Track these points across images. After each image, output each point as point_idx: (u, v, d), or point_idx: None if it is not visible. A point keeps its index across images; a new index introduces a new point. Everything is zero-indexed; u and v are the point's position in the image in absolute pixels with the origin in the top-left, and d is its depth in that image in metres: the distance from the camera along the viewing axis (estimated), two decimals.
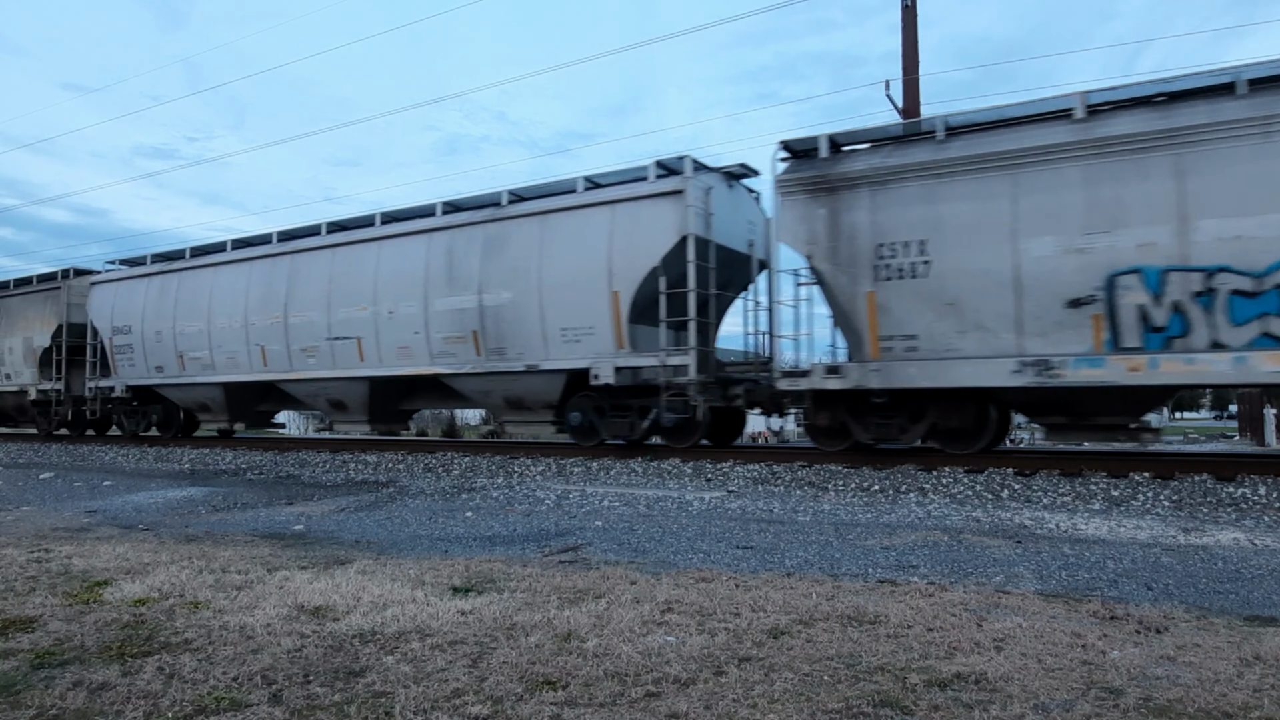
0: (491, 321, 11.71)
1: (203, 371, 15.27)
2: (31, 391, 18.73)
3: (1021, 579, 4.38)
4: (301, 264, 13.93)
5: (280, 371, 14.12)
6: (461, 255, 12.03)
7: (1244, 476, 7.66)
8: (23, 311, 19.12)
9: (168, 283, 16.06)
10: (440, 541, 5.98)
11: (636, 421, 11.07)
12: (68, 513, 8.05)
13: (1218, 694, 2.53)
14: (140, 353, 16.31)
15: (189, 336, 15.38)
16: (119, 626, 3.46)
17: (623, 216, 10.82)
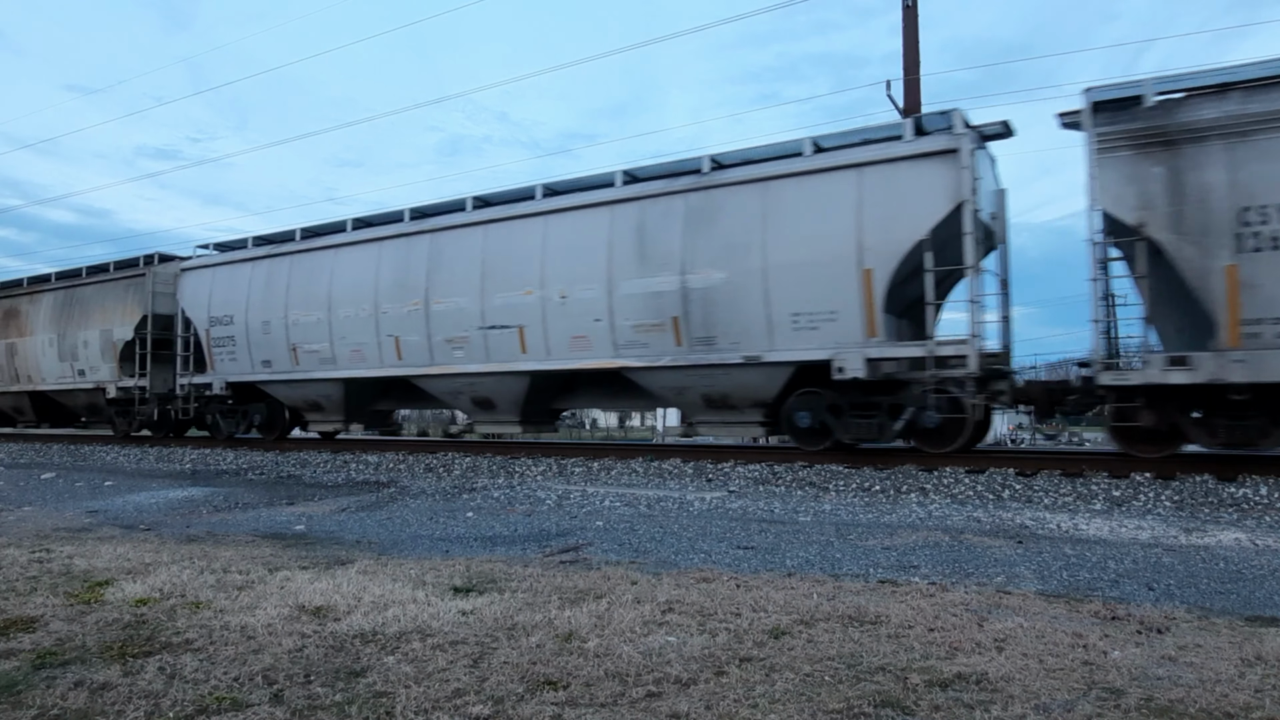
0: (698, 306, 10.14)
1: (320, 366, 13.61)
2: (110, 389, 16.82)
3: (1023, 579, 4.38)
4: (445, 244, 12.26)
5: (417, 366, 12.48)
6: (656, 230, 10.44)
7: (1245, 476, 7.65)
8: (99, 302, 17.24)
9: (277, 268, 14.30)
10: (441, 542, 5.98)
11: (886, 422, 9.47)
12: (69, 513, 8.06)
13: (1219, 694, 2.53)
14: (244, 346, 14.66)
15: (304, 327, 13.71)
16: (120, 626, 3.46)
17: (875, 181, 9.21)
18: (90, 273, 17.91)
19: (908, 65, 14.50)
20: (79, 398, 18.12)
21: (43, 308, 18.46)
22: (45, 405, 19.32)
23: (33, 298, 18.85)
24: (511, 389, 11.93)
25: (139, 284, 16.64)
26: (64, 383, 17.98)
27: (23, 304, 19.05)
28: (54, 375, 18.09)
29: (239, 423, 15.72)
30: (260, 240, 15.15)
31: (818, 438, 10.08)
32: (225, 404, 15.78)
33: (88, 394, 17.70)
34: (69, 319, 17.73)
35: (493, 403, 12.27)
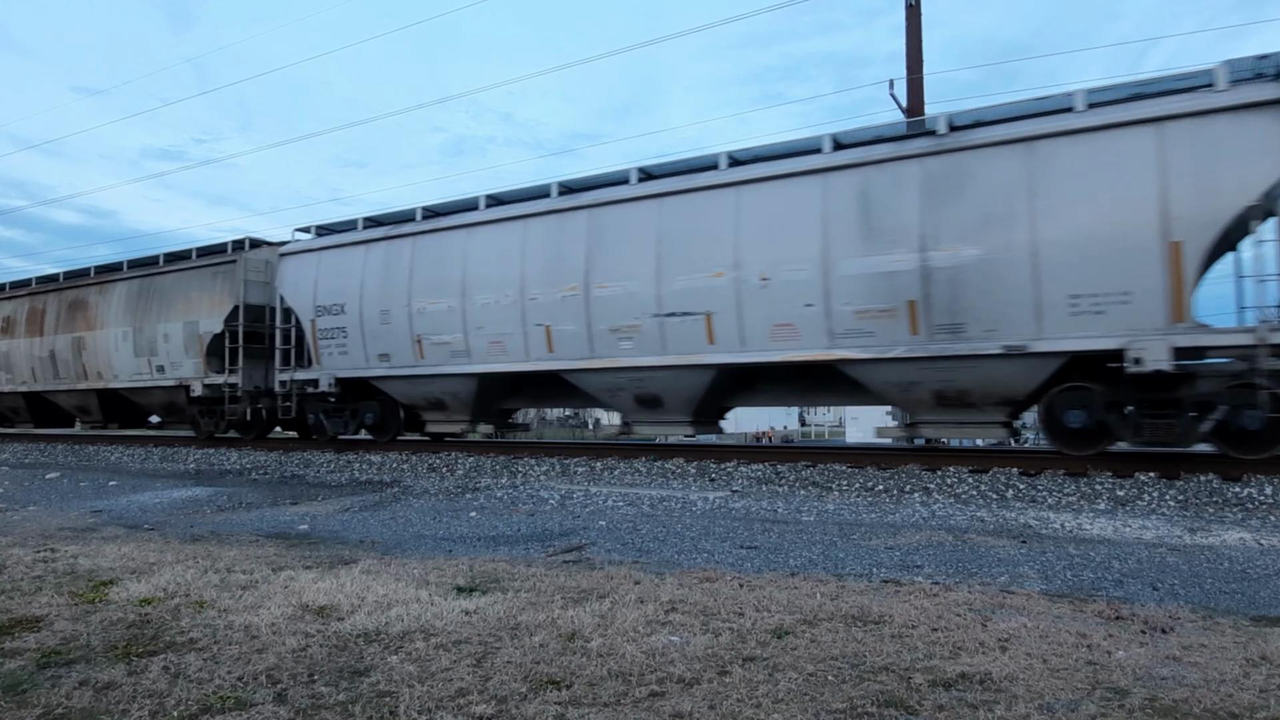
0: (943, 288, 8.71)
1: (451, 360, 12.09)
2: (196, 386, 15.21)
3: (1026, 579, 4.37)
4: (608, 221, 10.79)
5: (572, 358, 10.99)
6: (885, 200, 9.04)
7: (1250, 476, 7.63)
8: (182, 292, 15.61)
9: (397, 250, 12.75)
10: (444, 541, 5.99)
11: (1190, 424, 8.03)
12: (73, 512, 8.08)
13: (1224, 694, 2.52)
14: (356, 338, 13.08)
15: (432, 317, 12.18)
16: (125, 626, 3.47)
17: (1181, 138, 7.87)
18: (169, 260, 16.33)
19: (911, 64, 14.48)
20: (156, 396, 16.49)
21: (115, 299, 16.78)
22: (115, 404, 17.69)
23: (102, 288, 17.15)
24: (688, 385, 10.54)
25: (229, 271, 14.94)
26: (140, 380, 16.26)
27: (91, 295, 17.37)
28: (128, 372, 16.41)
29: (347, 423, 13.97)
30: (371, 221, 13.55)
31: (1087, 441, 8.74)
32: (330, 402, 14.11)
33: (167, 392, 16.09)
34: (146, 311, 16.09)
35: (660, 400, 10.85)
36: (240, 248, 15.11)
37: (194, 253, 15.86)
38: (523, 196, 11.93)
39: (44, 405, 19.31)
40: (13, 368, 19.08)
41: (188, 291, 15.55)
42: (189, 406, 15.97)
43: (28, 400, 19.17)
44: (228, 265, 14.99)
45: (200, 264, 15.54)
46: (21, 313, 18.92)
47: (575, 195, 11.29)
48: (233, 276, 14.88)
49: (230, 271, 14.93)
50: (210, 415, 15.77)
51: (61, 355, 17.72)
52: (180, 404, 16.17)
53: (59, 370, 17.88)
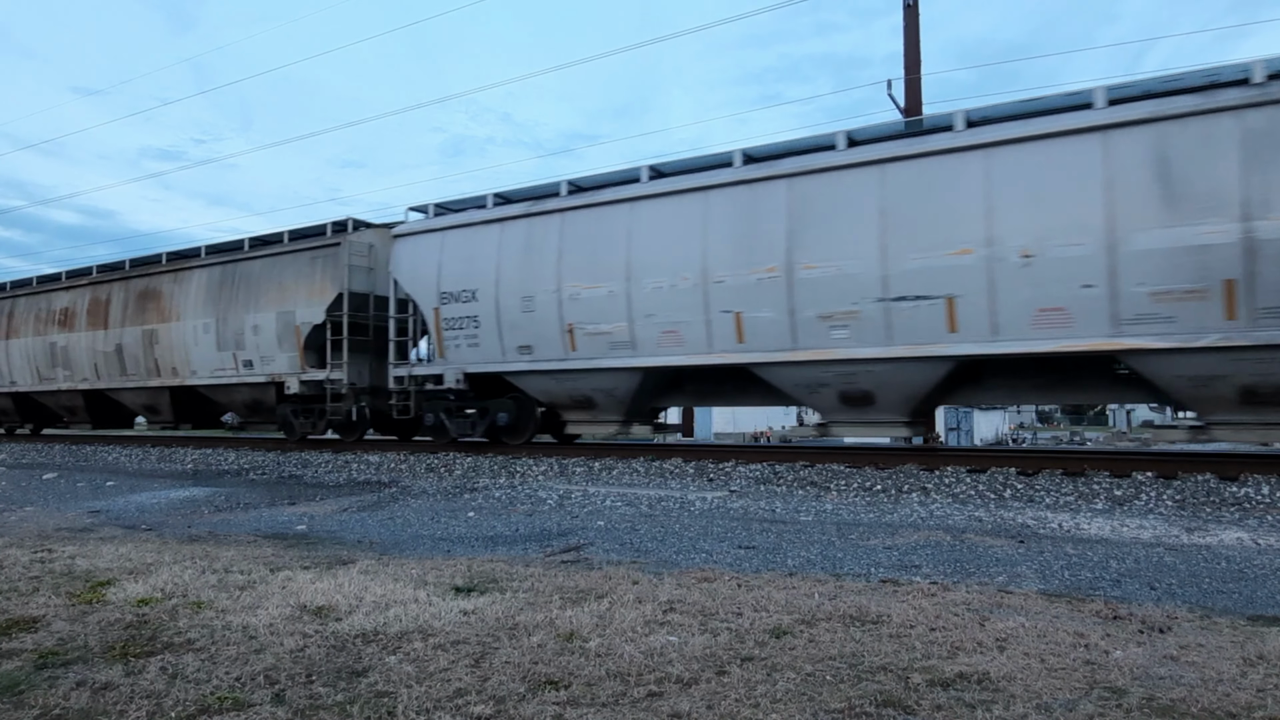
0: (1272, 264, 7.46)
1: (609, 352, 10.74)
2: (291, 383, 13.74)
3: (1024, 579, 4.38)
4: (815, 192, 9.45)
5: (768, 349, 9.67)
6: (1192, 162, 7.73)
7: (1247, 476, 7.64)
8: (275, 279, 14.14)
9: (542, 229, 11.32)
10: (442, 541, 5.98)
11: None
12: (71, 513, 8.07)
13: (1221, 694, 2.52)
14: (491, 328, 11.72)
15: (587, 303, 10.82)
16: (122, 626, 3.47)
17: None
18: (255, 245, 14.85)
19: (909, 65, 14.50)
20: (240, 394, 15.10)
21: (193, 288, 15.35)
22: (189, 403, 16.31)
23: (178, 276, 15.70)
24: (913, 380, 9.19)
25: (331, 256, 13.48)
26: (222, 376, 14.85)
27: (164, 284, 15.90)
28: (209, 367, 15.00)
29: (474, 424, 12.51)
30: (501, 198, 12.16)
31: None
32: (453, 400, 12.68)
33: (253, 390, 14.70)
34: (232, 300, 14.63)
35: (872, 398, 9.49)
36: (342, 229, 13.70)
37: (285, 236, 14.37)
38: (695, 166, 10.58)
39: (105, 404, 17.90)
40: (71, 364, 17.55)
41: (281, 278, 13.98)
42: (280, 405, 14.50)
43: (87, 399, 17.75)
44: (329, 249, 13.50)
45: (295, 248, 14.00)
46: (82, 304, 17.37)
47: (769, 164, 9.83)
48: (336, 261, 13.32)
49: (333, 256, 13.38)
50: (307, 415, 14.25)
51: (130, 350, 16.27)
52: (268, 403, 14.73)
53: (126, 366, 16.40)
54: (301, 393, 13.80)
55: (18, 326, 18.98)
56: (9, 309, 19.33)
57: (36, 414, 20.21)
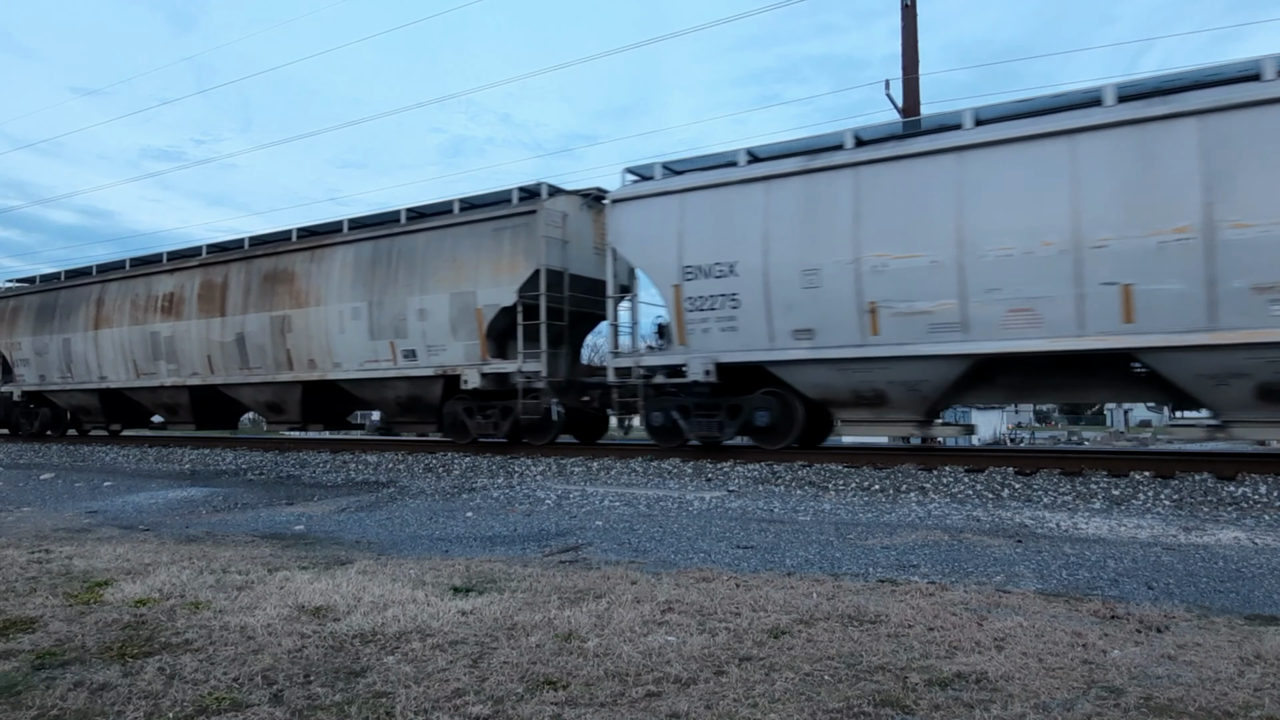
0: None
1: (928, 336, 8.87)
2: (470, 376, 11.79)
3: (1022, 578, 4.38)
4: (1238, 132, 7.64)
5: (1173, 330, 7.82)
6: None
7: (1245, 475, 7.65)
8: (447, 255, 12.18)
9: (827, 187, 9.51)
10: (441, 541, 5.98)
11: None
12: (68, 513, 8.06)
13: (1219, 693, 2.53)
14: (757, 308, 9.85)
15: (898, 276, 8.99)
16: (120, 627, 3.46)
17: None
18: (414, 217, 12.88)
19: (907, 65, 14.50)
20: (394, 390, 13.07)
21: (335, 267, 13.35)
22: (323, 400, 14.42)
23: (315, 254, 13.72)
24: None
25: (524, 226, 11.49)
26: (374, 369, 12.90)
27: (297, 264, 13.91)
28: (358, 359, 13.04)
29: (722, 424, 10.48)
30: (752, 156, 10.30)
31: None
32: (691, 396, 10.67)
33: (413, 384, 12.77)
34: (389, 281, 12.66)
35: None
36: (531, 196, 11.82)
37: (455, 205, 12.48)
38: (1042, 108, 8.75)
39: (216, 402, 16.05)
40: (178, 356, 15.55)
41: (456, 254, 12.03)
42: (450, 403, 12.54)
43: (194, 396, 15.89)
44: (519, 219, 11.54)
45: (472, 219, 12.12)
46: (191, 289, 15.40)
47: (1164, 100, 7.98)
48: (530, 233, 11.37)
49: (525, 226, 11.43)
50: (485, 413, 12.23)
51: (254, 339, 14.30)
52: (429, 400, 12.76)
53: (248, 358, 14.45)
54: (482, 387, 11.79)
55: (109, 315, 16.75)
56: (96, 295, 17.15)
57: (126, 413, 18.10)
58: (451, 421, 12.60)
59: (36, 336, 18.29)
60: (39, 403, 19.42)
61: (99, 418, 18.28)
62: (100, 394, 17.42)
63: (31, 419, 19.70)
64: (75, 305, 17.58)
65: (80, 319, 17.35)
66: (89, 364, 17.21)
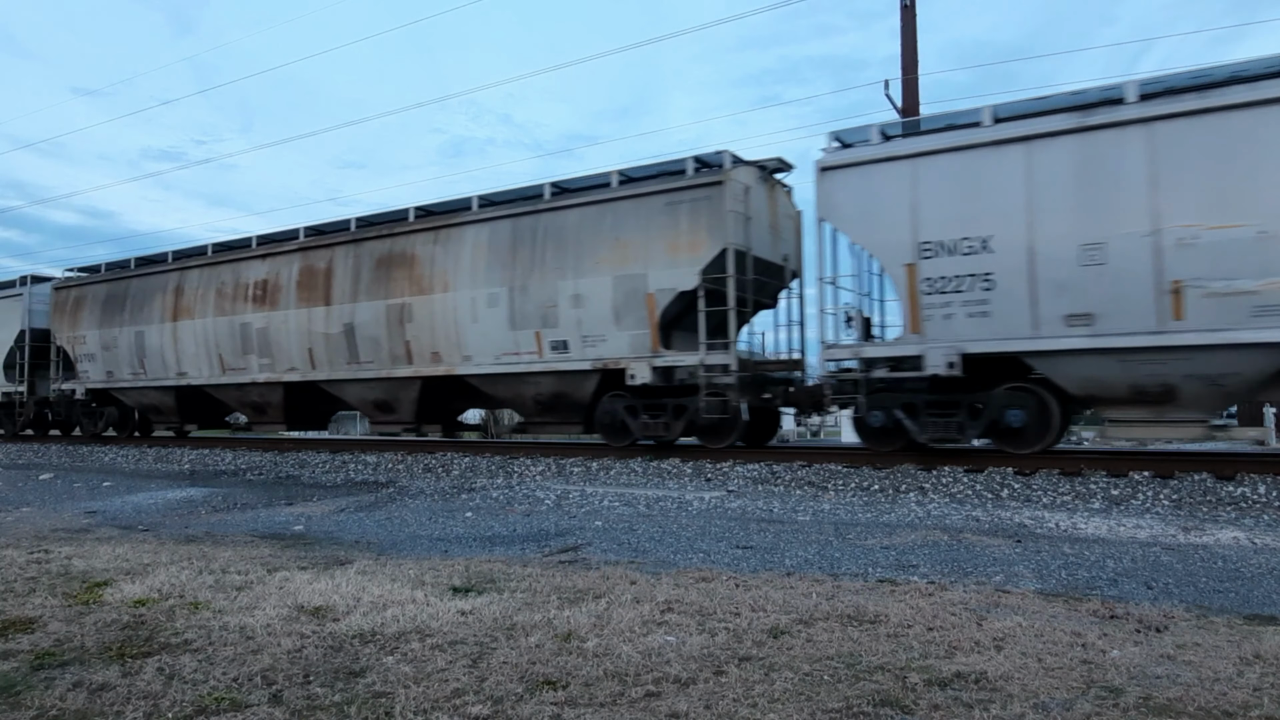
0: None
1: (1250, 320, 7.66)
2: (638, 370, 10.45)
3: (1021, 578, 4.38)
4: None
5: None
6: None
7: (1244, 475, 7.66)
8: (607, 232, 10.81)
9: (1107, 146, 8.21)
10: (440, 542, 5.98)
11: None
12: (67, 513, 8.05)
13: (1218, 693, 2.53)
14: (1016, 289, 8.56)
15: (1211, 250, 7.71)
16: (119, 627, 3.46)
17: None
18: (560, 193, 11.58)
19: (906, 65, 14.50)
20: (535, 386, 11.61)
21: (466, 249, 11.97)
22: (442, 397, 13.04)
23: (439, 235, 12.30)
24: None
25: (706, 200, 10.21)
26: (513, 363, 11.55)
27: (418, 245, 12.48)
28: (493, 351, 11.69)
29: (961, 425, 9.09)
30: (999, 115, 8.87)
31: None
32: (928, 393, 9.26)
33: (560, 380, 11.37)
34: (534, 263, 11.31)
35: None
36: (709, 167, 10.49)
37: (614, 178, 11.13)
38: None
39: (313, 400, 14.61)
40: (273, 349, 14.13)
41: (619, 232, 10.73)
42: (608, 400, 11.18)
43: (289, 394, 14.43)
44: (702, 191, 10.26)
45: (639, 192, 10.72)
46: (288, 274, 13.98)
47: None
48: (713, 207, 10.11)
49: (707, 200, 10.17)
50: (653, 412, 10.78)
51: (365, 331, 12.87)
52: (577, 397, 11.38)
53: (359, 352, 13.02)
54: (653, 383, 10.49)
55: (190, 305, 15.31)
56: (175, 284, 15.72)
57: (204, 412, 16.65)
58: (608, 422, 11.21)
59: (104, 329, 16.78)
60: (104, 401, 17.79)
61: (172, 418, 16.73)
62: (177, 391, 15.94)
63: (95, 419, 18.09)
64: (149, 295, 16.03)
65: (155, 310, 15.86)
66: (165, 359, 15.74)
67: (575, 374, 11.19)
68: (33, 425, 19.69)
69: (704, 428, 10.62)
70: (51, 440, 19.14)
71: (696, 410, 10.31)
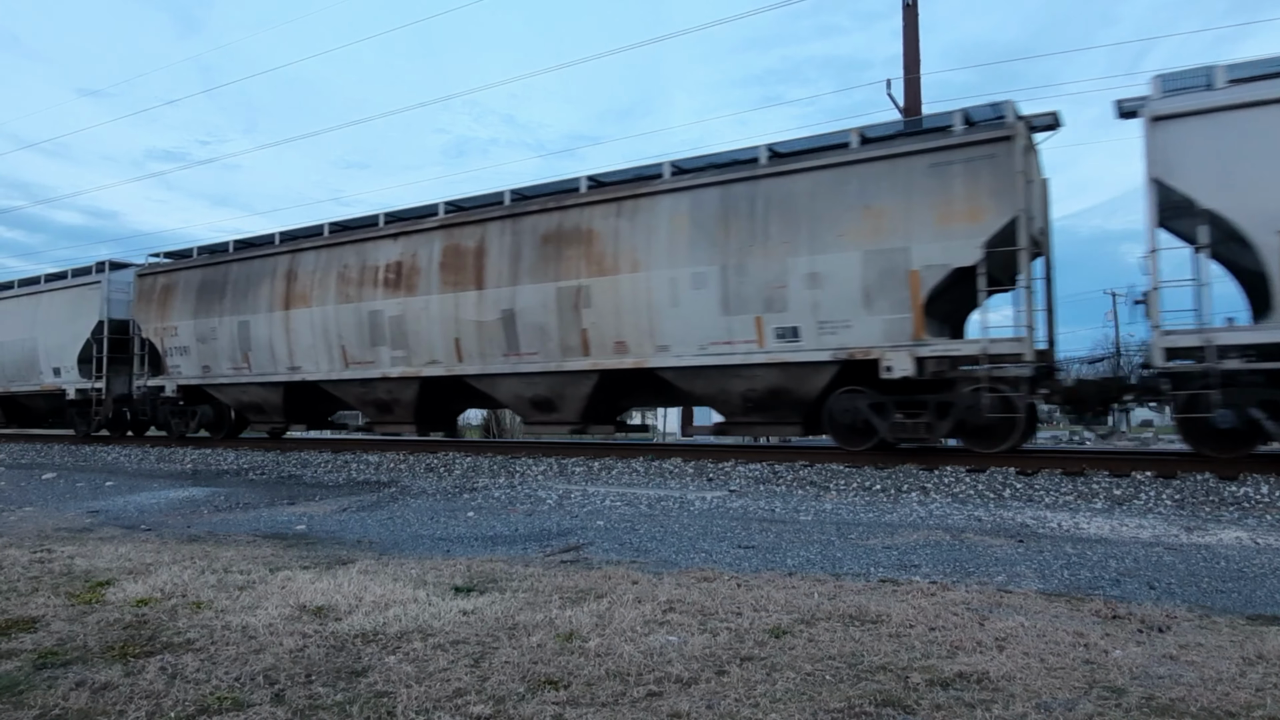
0: None
1: None
2: (896, 361, 9.01)
3: (1024, 578, 4.38)
4: None
5: None
6: None
7: (1246, 475, 7.65)
8: (855, 199, 9.33)
9: None
10: (442, 541, 5.98)
11: None
12: (70, 513, 8.06)
13: (1220, 693, 2.52)
14: None
15: None
16: (121, 627, 3.47)
17: None
18: (779, 157, 10.05)
19: (908, 64, 14.50)
20: (749, 380, 10.06)
21: (662, 222, 10.47)
22: (615, 393, 11.63)
23: (623, 206, 10.81)
24: None
25: (987, 160, 8.70)
26: (725, 354, 10.03)
27: (595, 219, 11.00)
28: (699, 340, 10.18)
29: None
30: None
31: None
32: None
33: (784, 373, 9.80)
34: (750, 237, 9.83)
35: None
36: (991, 122, 8.98)
37: (854, 138, 9.61)
38: None
39: (452, 396, 13.10)
40: (408, 340, 12.51)
41: (867, 199, 9.23)
42: (842, 396, 9.65)
43: (424, 390, 12.75)
44: (981, 149, 8.73)
45: (894, 152, 9.21)
46: (429, 255, 12.37)
47: None
48: (998, 169, 8.63)
49: (991, 160, 8.67)
50: (911, 410, 9.26)
51: (529, 318, 11.30)
52: (805, 392, 9.81)
53: (519, 341, 11.44)
54: (913, 375, 8.96)
55: (305, 291, 13.69)
56: (286, 268, 14.07)
57: (314, 411, 15.11)
58: (848, 421, 9.65)
59: (199, 320, 15.14)
60: (196, 398, 16.11)
61: (275, 417, 15.15)
62: (286, 388, 14.33)
63: (187, 418, 16.36)
64: (255, 281, 14.39)
65: (263, 297, 14.22)
66: (275, 351, 14.09)
67: (805, 366, 9.64)
68: (109, 425, 17.81)
69: (977, 429, 9.06)
70: (54, 440, 19.13)
71: (967, 408, 8.85)
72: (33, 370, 18.36)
